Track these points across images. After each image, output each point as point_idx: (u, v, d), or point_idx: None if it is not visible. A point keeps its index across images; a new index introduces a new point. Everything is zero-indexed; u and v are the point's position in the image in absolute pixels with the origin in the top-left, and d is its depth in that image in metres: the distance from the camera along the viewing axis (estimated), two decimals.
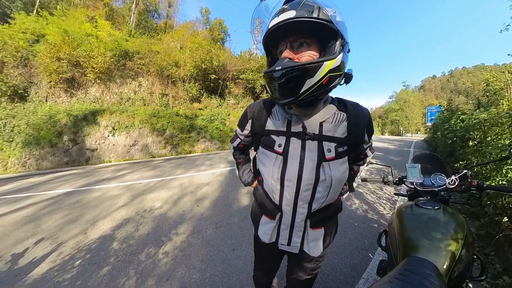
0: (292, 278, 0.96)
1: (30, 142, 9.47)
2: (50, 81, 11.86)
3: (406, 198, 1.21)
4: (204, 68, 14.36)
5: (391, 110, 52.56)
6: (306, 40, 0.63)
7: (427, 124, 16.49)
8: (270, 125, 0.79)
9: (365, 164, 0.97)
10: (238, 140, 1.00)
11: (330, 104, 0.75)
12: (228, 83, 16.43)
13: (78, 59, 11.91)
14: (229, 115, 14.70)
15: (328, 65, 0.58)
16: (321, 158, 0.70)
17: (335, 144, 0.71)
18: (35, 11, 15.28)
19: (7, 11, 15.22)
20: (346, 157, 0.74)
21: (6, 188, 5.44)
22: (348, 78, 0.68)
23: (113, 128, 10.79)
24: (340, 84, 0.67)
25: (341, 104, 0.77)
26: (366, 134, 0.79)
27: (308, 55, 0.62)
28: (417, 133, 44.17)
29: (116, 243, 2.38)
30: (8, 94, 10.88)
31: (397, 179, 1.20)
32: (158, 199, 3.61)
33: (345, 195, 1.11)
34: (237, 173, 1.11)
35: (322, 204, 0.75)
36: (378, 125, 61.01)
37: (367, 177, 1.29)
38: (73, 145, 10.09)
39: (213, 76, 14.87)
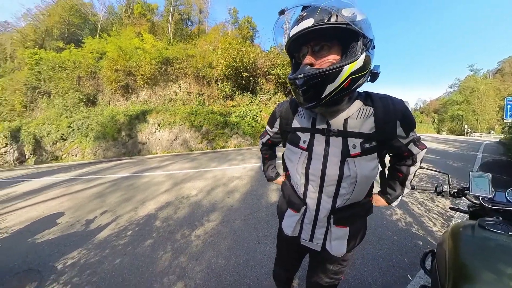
0: (313, 280, 0.91)
1: (99, 136, 12.19)
2: (111, 89, 14.76)
3: (466, 216, 1.01)
4: (236, 67, 14.84)
5: (451, 102, 42.14)
6: (327, 44, 0.63)
7: (505, 120, 12.32)
8: (296, 123, 0.82)
9: (416, 165, 0.85)
10: (267, 137, 1.05)
11: (356, 100, 0.73)
12: (259, 79, 16.52)
13: (130, 69, 14.29)
14: (260, 111, 14.79)
15: (349, 68, 0.59)
16: (346, 154, 0.70)
17: (361, 140, 0.69)
18: (97, 34, 18.98)
19: (79, 38, 19.41)
20: (375, 153, 0.72)
21: (83, 171, 6.94)
22: (374, 75, 0.68)
23: (159, 125, 12.54)
24: (367, 81, 0.68)
25: (368, 98, 0.74)
26: (400, 128, 0.72)
27: (329, 61, 0.63)
28: (489, 133, 33.23)
29: (158, 221, 2.71)
30: (84, 100, 14.40)
31: (455, 190, 0.98)
32: (194, 188, 3.90)
33: (396, 202, 0.94)
34: (262, 168, 1.19)
35: (346, 201, 0.74)
36: (433, 121, 51.21)
37: (415, 184, 1.03)
38: (128, 139, 12.36)
39: (244, 74, 15.23)
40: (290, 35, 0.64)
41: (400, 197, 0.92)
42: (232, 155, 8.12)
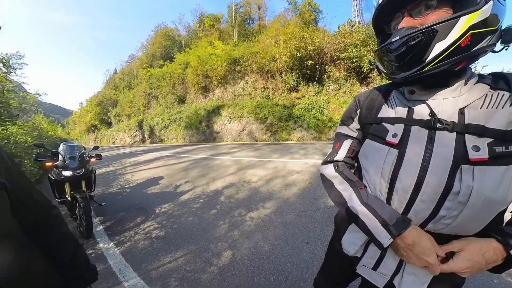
0: None
1: (187, 126, 16.76)
2: (194, 90, 18.81)
3: None
4: (299, 56, 13.90)
5: None
6: (430, 2, 0.47)
7: None
8: (384, 112, 0.62)
9: None
10: (347, 143, 0.69)
11: (477, 83, 0.51)
12: (326, 67, 14.78)
13: (207, 72, 17.50)
14: (328, 102, 13.26)
15: (468, 19, 0.42)
16: (462, 158, 0.46)
17: (491, 139, 0.45)
18: (182, 50, 24.57)
19: (172, 55, 26.17)
20: None
21: (176, 150, 10.06)
22: (507, 38, 0.45)
23: (230, 117, 14.47)
24: (494, 51, 0.47)
25: (499, 80, 0.50)
26: None
27: (436, 15, 0.47)
28: None
29: (223, 197, 3.12)
30: (177, 100, 19.92)
31: None
32: (255, 175, 4.13)
33: None
34: (346, 197, 0.60)
35: (444, 227, 0.49)
36: None
37: None
38: (207, 128, 15.71)
39: (309, 63, 13.93)
40: (380, 1, 0.51)
41: None
42: (294, 149, 7.96)
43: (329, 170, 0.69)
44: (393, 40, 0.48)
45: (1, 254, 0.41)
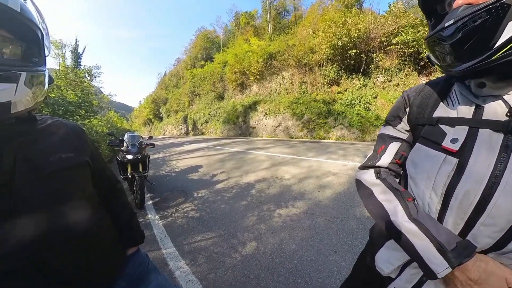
0: None
1: (225, 121, 18.02)
2: (232, 87, 19.74)
3: None
4: (341, 45, 12.26)
5: None
6: None
7: None
8: (441, 111, 0.50)
9: None
10: (392, 148, 0.59)
11: None
12: (374, 55, 12.61)
13: (244, 69, 18.01)
14: (375, 97, 11.31)
15: None
16: None
17: None
18: (221, 49, 26.19)
19: (211, 55, 28.21)
20: None
21: (215, 143, 10.97)
22: None
23: (266, 113, 14.66)
24: None
25: None
26: None
27: None
28: None
29: (254, 190, 3.21)
30: (217, 97, 21.58)
31: None
32: (288, 173, 4.06)
33: None
34: (390, 209, 0.50)
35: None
36: None
37: None
38: (243, 123, 16.43)
39: (353, 52, 11.76)
40: None
41: None
42: (332, 148, 7.43)
43: (369, 176, 0.58)
44: (446, 25, 0.39)
45: (85, 210, 0.57)
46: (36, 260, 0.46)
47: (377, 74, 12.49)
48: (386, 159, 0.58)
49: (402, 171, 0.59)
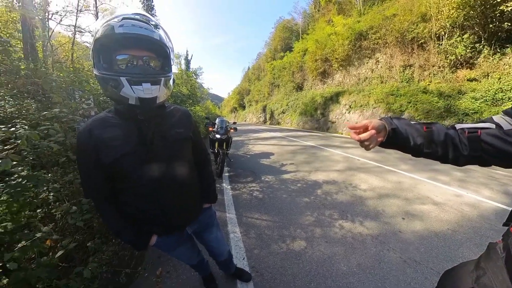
0: None
1: (302, 113, 17.41)
2: (312, 76, 18.50)
3: None
4: (483, 0, 7.42)
5: None
6: None
7: None
8: None
9: None
10: None
11: None
12: None
13: (326, 56, 16.12)
14: None
15: None
16: None
17: None
18: (300, 37, 24.53)
19: (291, 45, 27.32)
20: None
21: (289, 134, 11.16)
22: None
23: (350, 106, 12.38)
24: None
25: None
26: None
27: None
28: None
29: (320, 191, 3.01)
30: (295, 88, 21.24)
31: None
32: (366, 183, 3.37)
33: None
34: None
35: None
36: None
37: None
38: (321, 117, 15.05)
39: (509, 6, 6.86)
40: None
41: None
42: (442, 165, 4.76)
43: None
44: None
45: (186, 169, 0.85)
46: (155, 194, 0.76)
47: None
48: None
49: None
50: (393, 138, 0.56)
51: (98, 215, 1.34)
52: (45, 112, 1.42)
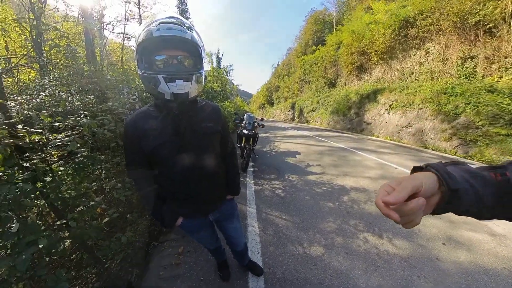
0: None
1: (334, 111, 16.15)
2: (347, 71, 16.82)
3: None
4: None
5: None
6: None
7: None
8: None
9: None
10: None
11: None
12: None
13: (363, 48, 14.31)
14: None
15: None
16: None
17: None
18: (334, 29, 22.46)
19: (323, 38, 25.09)
20: None
21: (318, 133, 10.58)
22: None
23: (390, 106, 10.78)
24: None
25: None
26: None
27: None
28: None
29: (346, 197, 2.80)
30: (327, 84, 19.76)
31: None
32: None
33: None
34: None
35: None
36: None
37: None
38: (356, 117, 13.46)
39: None
40: None
41: None
42: None
43: None
44: None
45: (214, 160, 0.91)
46: (185, 180, 0.85)
47: None
48: None
49: None
50: (453, 205, 0.36)
51: (137, 193, 1.55)
52: (101, 106, 1.72)
